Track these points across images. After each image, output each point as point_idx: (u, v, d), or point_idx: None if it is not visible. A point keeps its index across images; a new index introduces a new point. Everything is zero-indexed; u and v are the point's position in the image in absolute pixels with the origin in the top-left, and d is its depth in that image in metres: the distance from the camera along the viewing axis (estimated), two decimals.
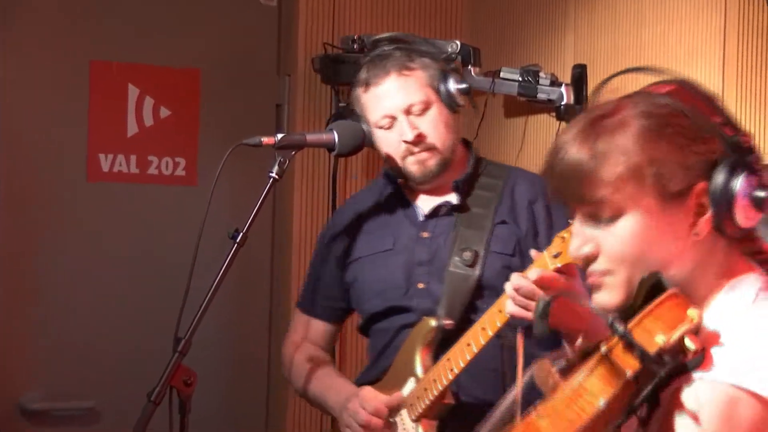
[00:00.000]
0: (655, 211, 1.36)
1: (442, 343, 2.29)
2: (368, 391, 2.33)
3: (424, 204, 2.44)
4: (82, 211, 3.43)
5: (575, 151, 1.37)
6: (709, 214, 1.36)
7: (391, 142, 2.38)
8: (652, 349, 1.27)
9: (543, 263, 2.02)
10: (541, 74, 3.22)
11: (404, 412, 2.32)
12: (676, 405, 1.31)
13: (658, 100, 1.38)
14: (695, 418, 1.29)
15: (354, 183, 3.59)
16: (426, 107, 2.36)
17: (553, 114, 3.24)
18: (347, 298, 2.52)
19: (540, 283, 1.96)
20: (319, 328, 2.57)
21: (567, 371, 1.37)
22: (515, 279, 2.00)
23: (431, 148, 2.36)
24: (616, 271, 1.38)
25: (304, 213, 3.58)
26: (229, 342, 3.56)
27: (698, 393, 1.29)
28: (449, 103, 2.38)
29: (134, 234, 3.48)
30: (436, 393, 2.25)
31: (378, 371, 2.42)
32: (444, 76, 2.38)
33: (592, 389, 1.29)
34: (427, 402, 2.26)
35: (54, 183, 3.40)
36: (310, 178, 3.57)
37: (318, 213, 3.57)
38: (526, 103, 3.32)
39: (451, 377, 2.23)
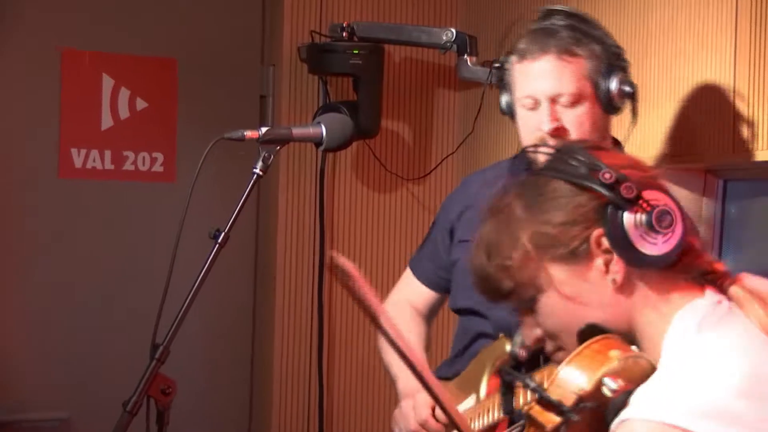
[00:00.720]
0: (565, 275, 1.43)
1: (515, 368, 2.17)
2: (425, 396, 2.26)
3: None
4: (53, 209, 3.39)
5: (475, 255, 1.49)
6: (616, 256, 1.42)
7: (528, 125, 2.23)
8: (570, 399, 1.31)
9: None
10: None
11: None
12: None
13: (534, 172, 1.49)
14: None
15: (342, 181, 3.57)
16: (576, 101, 2.19)
17: None
18: (451, 271, 2.43)
19: None
20: (420, 291, 2.52)
21: None
22: None
23: None
24: (563, 343, 1.45)
25: (289, 211, 3.54)
26: (210, 348, 3.56)
27: None
28: (605, 102, 2.21)
29: (109, 234, 3.45)
30: (486, 423, 2.15)
31: (452, 372, 2.36)
32: (609, 72, 2.20)
33: None
34: (477, 428, 2.18)
35: (23, 180, 3.36)
36: (296, 175, 3.54)
37: (304, 211, 3.55)
38: None
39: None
